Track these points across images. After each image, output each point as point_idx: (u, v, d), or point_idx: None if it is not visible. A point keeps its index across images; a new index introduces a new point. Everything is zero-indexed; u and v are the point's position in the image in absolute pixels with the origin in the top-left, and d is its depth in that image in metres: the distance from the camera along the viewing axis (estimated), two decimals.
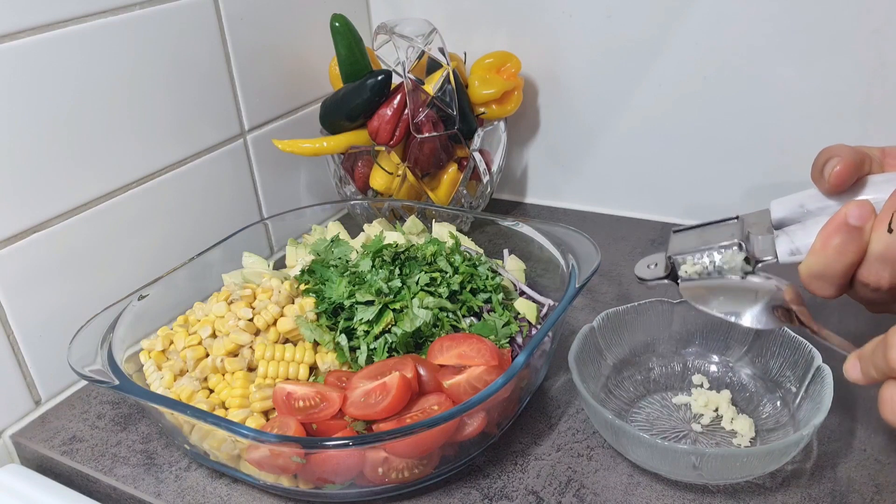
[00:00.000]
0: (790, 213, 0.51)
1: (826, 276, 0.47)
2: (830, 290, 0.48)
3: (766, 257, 0.51)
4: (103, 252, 0.68)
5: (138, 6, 0.67)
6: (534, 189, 0.96)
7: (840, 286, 0.48)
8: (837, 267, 0.46)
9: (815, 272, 0.47)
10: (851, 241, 0.45)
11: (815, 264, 0.47)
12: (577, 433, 0.57)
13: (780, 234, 0.50)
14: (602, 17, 0.81)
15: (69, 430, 0.62)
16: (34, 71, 0.60)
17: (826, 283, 0.48)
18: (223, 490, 0.54)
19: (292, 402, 0.51)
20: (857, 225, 0.45)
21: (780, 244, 0.50)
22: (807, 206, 0.50)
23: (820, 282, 0.48)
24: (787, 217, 0.51)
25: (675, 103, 0.82)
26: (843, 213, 0.46)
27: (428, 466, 0.51)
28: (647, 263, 0.56)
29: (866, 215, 0.45)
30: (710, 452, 0.48)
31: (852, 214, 0.45)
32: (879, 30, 0.70)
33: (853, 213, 0.45)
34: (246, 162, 0.82)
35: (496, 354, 0.53)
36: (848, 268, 0.46)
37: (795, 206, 0.51)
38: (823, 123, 0.75)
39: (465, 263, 0.62)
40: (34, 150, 0.61)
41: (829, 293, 0.48)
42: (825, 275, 0.47)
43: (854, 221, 0.45)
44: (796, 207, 0.51)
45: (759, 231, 0.51)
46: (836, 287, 0.48)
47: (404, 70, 0.75)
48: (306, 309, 0.60)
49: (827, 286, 0.48)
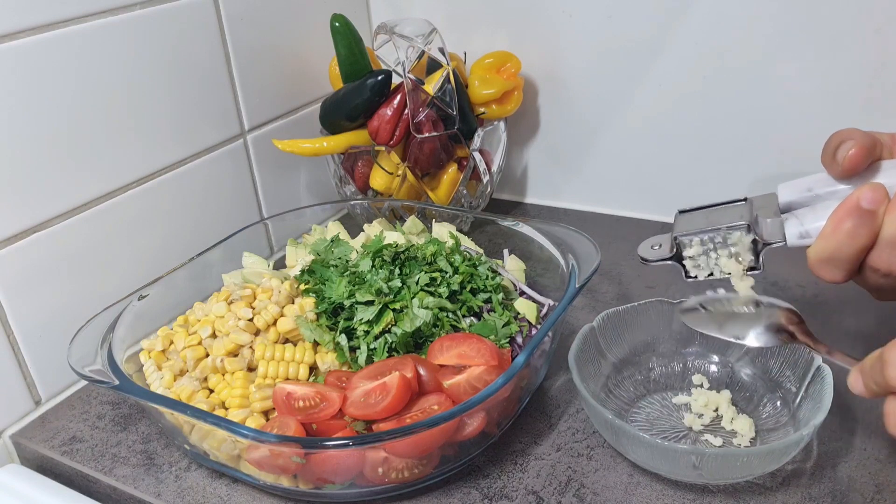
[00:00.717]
0: (798, 196, 0.50)
1: (835, 260, 0.46)
2: (839, 275, 0.47)
3: (774, 240, 0.49)
4: (103, 252, 0.68)
5: (138, 6, 0.67)
6: (534, 189, 0.96)
7: (849, 271, 0.47)
8: (848, 251, 0.45)
9: (825, 256, 0.46)
10: (863, 225, 0.44)
11: (824, 248, 0.46)
12: (577, 433, 0.57)
13: (790, 217, 0.49)
14: (602, 17, 0.81)
15: (69, 431, 0.62)
16: (34, 71, 0.60)
17: (835, 268, 0.47)
18: (223, 490, 0.54)
19: (292, 402, 0.51)
20: (870, 209, 0.44)
21: (789, 227, 0.49)
22: (815, 190, 0.49)
23: (829, 266, 0.47)
24: (795, 201, 0.50)
25: (675, 103, 0.82)
26: (855, 197, 0.44)
27: (428, 466, 0.51)
28: (652, 244, 0.55)
29: (879, 199, 0.44)
30: (710, 452, 0.48)
31: (865, 198, 0.44)
32: (880, 29, 0.70)
33: (866, 196, 0.44)
34: (246, 162, 0.82)
35: (496, 354, 0.53)
36: (859, 252, 0.45)
37: (803, 189, 0.50)
38: (824, 123, 0.75)
39: (465, 263, 0.62)
40: (34, 150, 0.61)
41: (837, 278, 0.47)
42: (835, 259, 0.46)
43: (867, 205, 0.44)
44: (804, 191, 0.50)
45: (766, 214, 0.50)
46: (846, 272, 0.47)
47: (404, 70, 0.75)
48: (306, 309, 0.60)
49: (836, 271, 0.47)
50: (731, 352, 0.61)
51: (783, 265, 0.74)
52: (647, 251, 0.55)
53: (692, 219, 0.54)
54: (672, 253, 0.53)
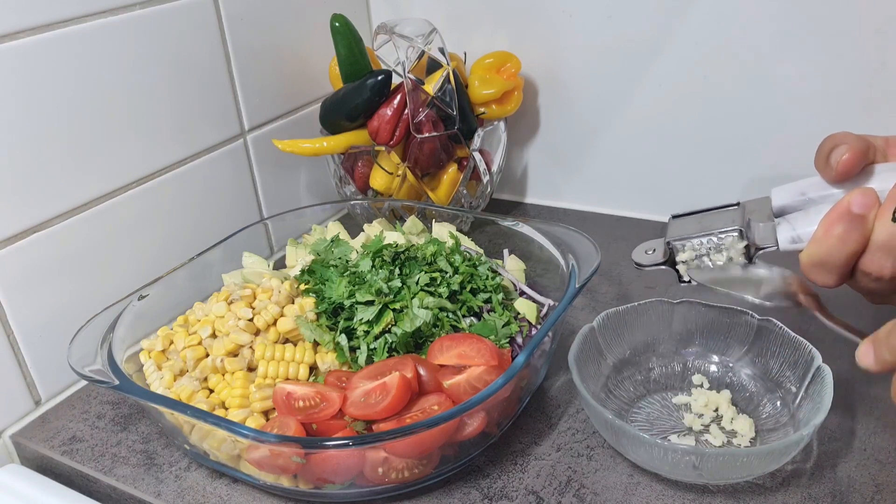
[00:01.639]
0: (791, 200, 0.50)
1: (827, 264, 0.46)
2: (831, 279, 0.47)
3: (766, 245, 0.50)
4: (103, 252, 0.68)
5: (138, 6, 0.67)
6: (534, 189, 0.96)
7: (841, 275, 0.47)
8: (839, 255, 0.46)
9: (817, 260, 0.47)
10: (854, 230, 0.45)
11: (816, 252, 0.46)
12: (577, 433, 0.57)
13: (782, 222, 0.49)
14: (602, 17, 0.81)
15: (69, 430, 0.62)
16: (34, 71, 0.60)
17: (827, 272, 0.47)
18: (223, 490, 0.54)
19: (292, 402, 0.51)
20: (861, 213, 0.44)
21: (781, 231, 0.49)
22: (808, 194, 0.49)
23: (821, 270, 0.47)
24: (788, 205, 0.50)
25: (676, 103, 0.82)
26: (846, 201, 0.45)
27: (428, 466, 0.51)
28: (646, 249, 0.55)
29: (870, 203, 0.44)
30: (710, 452, 0.48)
31: (856, 202, 0.44)
32: (881, 29, 0.70)
33: (857, 201, 0.44)
34: (246, 162, 0.82)
35: (496, 354, 0.53)
36: (850, 257, 0.46)
37: (796, 193, 0.50)
38: (824, 123, 0.75)
39: (465, 263, 0.62)
40: (34, 149, 0.61)
41: (829, 282, 0.47)
42: (826, 263, 0.46)
43: (857, 210, 0.44)
44: (797, 195, 0.50)
45: (759, 218, 0.50)
46: (837, 276, 0.47)
47: (404, 70, 0.75)
48: (306, 309, 0.60)
49: (828, 275, 0.47)
50: (731, 352, 0.61)
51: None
52: (641, 256, 0.55)
53: (685, 224, 0.54)
54: (665, 258, 0.54)
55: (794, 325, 0.57)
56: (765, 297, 0.51)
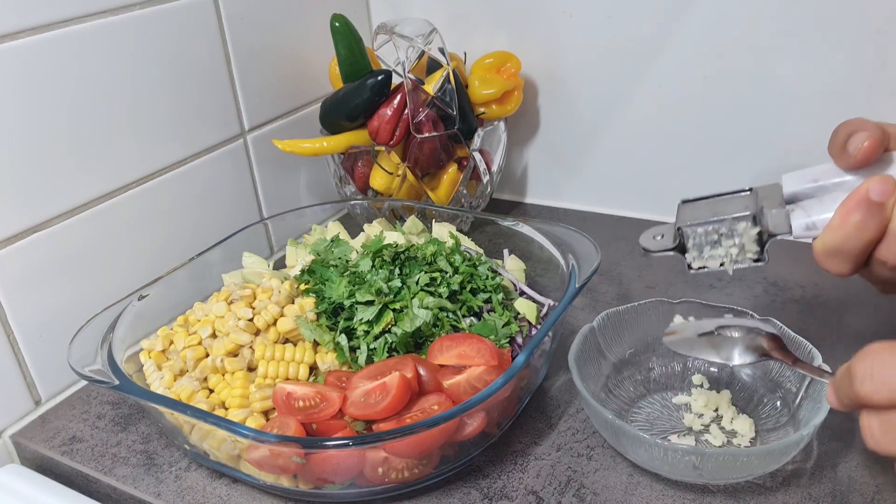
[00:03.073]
0: (803, 187, 0.49)
1: (843, 252, 0.45)
2: (846, 268, 0.46)
3: (780, 231, 0.48)
4: (103, 252, 0.68)
5: (138, 6, 0.67)
6: (534, 189, 0.96)
7: (856, 264, 0.46)
8: (856, 244, 0.44)
9: (832, 248, 0.45)
10: (872, 218, 0.44)
11: (831, 240, 0.45)
12: (577, 433, 0.57)
13: (796, 208, 0.48)
14: (602, 17, 0.81)
15: (69, 431, 0.62)
16: (34, 71, 0.60)
17: (842, 260, 0.46)
18: (223, 490, 0.54)
19: (292, 402, 0.51)
20: (880, 201, 0.43)
21: (795, 218, 0.47)
22: (821, 181, 0.48)
23: (836, 258, 0.46)
24: (800, 192, 0.49)
25: (676, 103, 0.82)
26: (864, 189, 0.44)
27: (428, 466, 0.51)
28: (654, 234, 0.54)
29: (889, 191, 0.43)
30: (710, 452, 0.48)
31: (874, 190, 0.43)
32: (881, 29, 0.70)
33: (875, 188, 0.43)
34: (246, 162, 0.82)
35: (496, 354, 0.53)
36: (866, 245, 0.45)
37: (809, 180, 0.49)
38: (824, 123, 0.75)
39: (465, 263, 0.62)
40: (34, 150, 0.61)
41: (844, 270, 0.46)
42: (842, 251, 0.45)
43: (876, 197, 0.43)
44: (810, 182, 0.48)
45: (771, 205, 0.49)
46: (852, 264, 0.46)
47: (404, 70, 0.75)
48: (306, 309, 0.60)
49: (843, 263, 0.46)
50: None
51: (784, 265, 0.74)
52: (649, 241, 0.53)
53: (696, 209, 0.52)
54: (675, 243, 0.52)
55: (795, 325, 0.57)
56: (741, 355, 0.53)
